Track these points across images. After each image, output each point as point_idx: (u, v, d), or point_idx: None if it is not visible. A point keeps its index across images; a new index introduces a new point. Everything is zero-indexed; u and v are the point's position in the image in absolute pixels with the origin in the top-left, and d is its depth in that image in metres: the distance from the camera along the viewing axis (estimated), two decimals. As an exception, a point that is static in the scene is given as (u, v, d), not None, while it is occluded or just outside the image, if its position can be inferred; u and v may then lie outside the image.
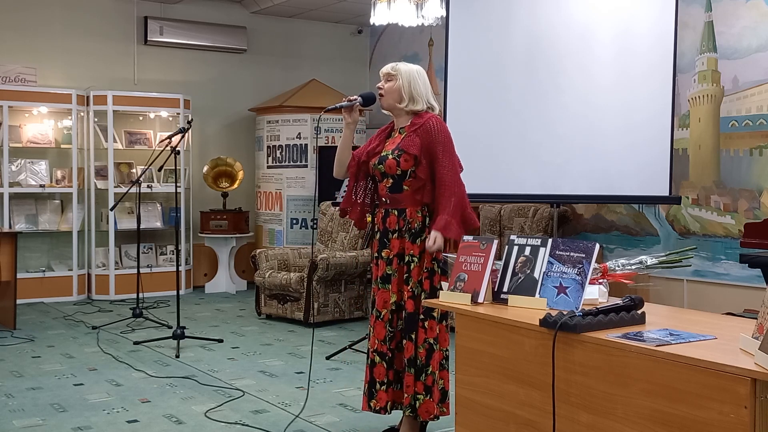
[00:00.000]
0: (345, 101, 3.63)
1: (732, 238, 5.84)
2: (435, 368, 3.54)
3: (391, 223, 3.60)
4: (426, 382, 3.53)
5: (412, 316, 3.55)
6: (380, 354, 3.59)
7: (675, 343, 2.19)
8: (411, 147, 3.52)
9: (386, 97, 3.60)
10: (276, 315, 6.80)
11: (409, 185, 3.56)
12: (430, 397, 3.53)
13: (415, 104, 3.58)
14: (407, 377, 3.55)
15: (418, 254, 3.54)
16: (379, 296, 3.61)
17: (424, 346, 3.53)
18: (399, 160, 3.53)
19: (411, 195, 3.56)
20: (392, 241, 3.59)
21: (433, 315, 3.55)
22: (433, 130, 3.53)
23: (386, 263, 3.60)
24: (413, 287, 3.54)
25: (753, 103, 5.75)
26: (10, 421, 4.00)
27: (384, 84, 3.61)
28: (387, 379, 3.59)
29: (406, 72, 3.59)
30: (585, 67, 5.76)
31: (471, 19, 5.98)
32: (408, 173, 3.54)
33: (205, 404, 4.29)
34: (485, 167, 5.85)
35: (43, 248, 8.03)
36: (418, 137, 3.53)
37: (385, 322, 3.58)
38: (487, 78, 5.93)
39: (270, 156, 8.52)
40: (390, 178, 3.58)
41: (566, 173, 5.75)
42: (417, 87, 3.58)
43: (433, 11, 6.09)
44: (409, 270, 3.55)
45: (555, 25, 5.82)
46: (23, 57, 7.95)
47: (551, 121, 5.79)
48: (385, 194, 3.62)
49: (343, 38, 9.63)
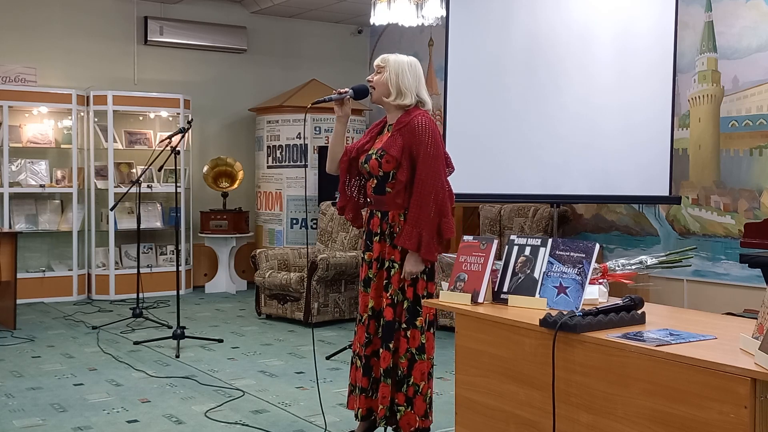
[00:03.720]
0: (335, 94, 3.41)
1: (732, 238, 5.84)
2: (417, 379, 3.38)
3: (374, 225, 3.46)
4: (407, 393, 3.39)
5: (390, 324, 3.38)
6: (360, 357, 3.49)
7: (675, 343, 2.19)
8: (392, 148, 3.33)
9: (376, 91, 3.41)
10: (276, 315, 6.80)
11: (392, 188, 3.38)
12: (411, 408, 3.39)
13: (403, 98, 3.37)
14: (383, 388, 3.40)
15: (399, 260, 3.38)
16: (361, 300, 3.50)
17: (406, 356, 3.38)
18: (381, 161, 3.36)
19: (393, 198, 3.40)
20: (374, 244, 3.45)
21: (416, 324, 3.38)
22: (417, 129, 3.31)
23: (368, 266, 3.47)
24: (393, 294, 3.38)
25: (753, 103, 5.75)
26: (10, 421, 4.00)
27: (374, 76, 3.42)
28: (361, 386, 3.47)
29: (395, 63, 3.38)
30: (585, 67, 5.76)
31: (471, 19, 5.98)
32: (390, 175, 3.37)
33: (205, 404, 4.29)
34: (485, 167, 5.85)
35: (43, 248, 8.03)
36: (401, 137, 3.33)
37: (365, 326, 3.46)
38: (487, 78, 5.93)
39: (270, 156, 8.52)
40: (374, 179, 3.42)
41: (566, 173, 5.75)
42: (405, 80, 3.36)
43: (433, 11, 6.09)
44: (389, 276, 3.40)
45: (555, 25, 5.82)
46: (23, 57, 7.95)
47: (551, 121, 5.79)
48: (371, 195, 3.48)
49: (343, 38, 9.63)
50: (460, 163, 6.06)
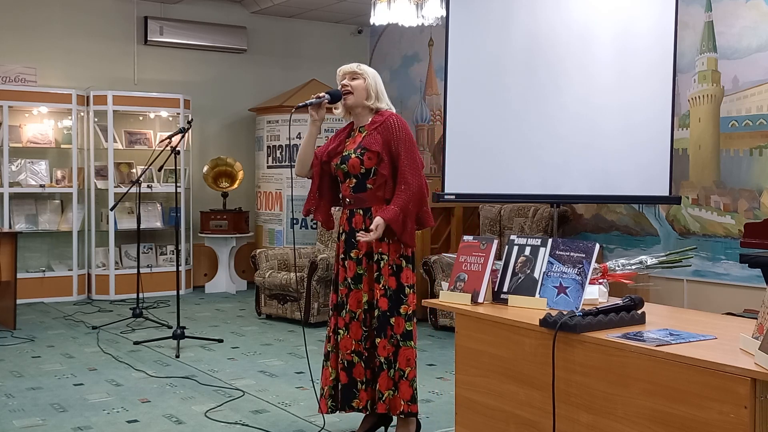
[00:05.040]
0: (314, 98, 3.62)
1: (732, 238, 5.84)
2: (403, 365, 3.53)
3: (357, 224, 3.60)
4: (394, 377, 3.53)
5: (386, 314, 3.54)
6: (358, 354, 3.59)
7: (675, 343, 2.19)
8: (373, 144, 3.53)
9: (354, 95, 3.60)
10: (276, 315, 6.80)
11: (373, 183, 3.56)
12: (396, 393, 3.53)
13: (380, 102, 3.63)
14: (384, 377, 3.54)
15: (387, 251, 3.54)
16: (352, 297, 3.60)
17: (392, 342, 3.53)
18: (362, 159, 3.54)
19: (374, 193, 3.57)
20: (360, 241, 3.57)
21: (400, 311, 3.54)
22: (393, 127, 3.54)
23: (356, 263, 3.60)
24: (384, 284, 3.54)
25: (753, 103, 5.75)
26: (10, 421, 4.00)
27: (350, 81, 3.61)
28: (366, 378, 3.59)
29: (371, 71, 3.65)
30: (585, 67, 5.76)
31: (471, 19, 5.98)
32: (372, 171, 3.55)
33: (205, 404, 4.29)
34: (485, 167, 5.85)
35: (43, 248, 8.03)
36: (380, 134, 3.54)
37: (360, 322, 3.58)
38: (487, 78, 5.92)
39: (270, 156, 8.52)
40: (353, 178, 3.59)
41: (566, 173, 5.75)
42: (381, 86, 3.65)
43: (433, 11, 6.10)
44: (380, 268, 3.55)
45: (555, 25, 5.82)
46: (23, 57, 7.95)
47: (551, 121, 5.79)
48: (349, 194, 3.63)
49: (343, 38, 9.63)
50: (460, 163, 6.11)
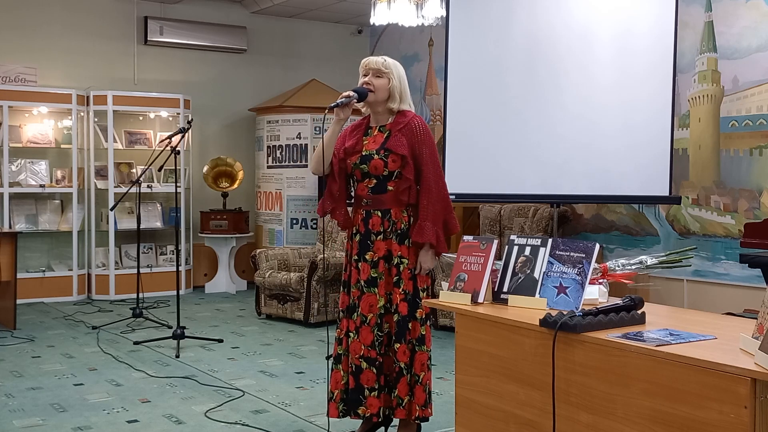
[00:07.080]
0: (343, 98, 3.43)
1: (732, 238, 5.84)
2: (418, 370, 3.46)
3: (374, 225, 3.48)
4: (410, 383, 3.47)
5: (406, 318, 3.46)
6: (368, 360, 3.47)
7: (675, 343, 2.19)
8: (399, 147, 3.42)
9: (376, 95, 3.45)
10: (276, 315, 6.80)
11: (395, 186, 3.46)
12: (412, 398, 3.47)
13: (403, 104, 3.50)
14: (404, 383, 3.47)
15: (407, 255, 3.48)
16: (365, 300, 3.49)
17: (409, 347, 3.47)
18: (386, 161, 3.42)
19: (395, 195, 3.46)
20: (377, 243, 3.48)
21: (416, 316, 3.48)
22: (417, 130, 3.44)
23: (371, 266, 3.49)
24: (404, 288, 3.46)
25: (753, 103, 5.75)
26: (10, 421, 4.00)
27: (373, 79, 3.46)
28: (378, 385, 3.48)
29: (396, 69, 3.49)
30: (585, 67, 5.76)
31: (471, 19, 5.98)
32: (394, 174, 3.45)
33: (205, 404, 4.29)
34: (485, 167, 5.85)
35: (43, 248, 8.03)
36: (404, 137, 3.43)
37: (372, 327, 3.47)
38: (487, 78, 5.93)
39: (270, 156, 8.52)
40: (373, 179, 3.47)
41: (566, 173, 5.75)
42: (406, 86, 3.52)
43: (433, 11, 6.09)
44: (400, 272, 3.46)
45: (555, 25, 5.82)
46: (23, 57, 7.95)
47: (551, 121, 5.79)
48: (366, 195, 3.50)
49: (343, 38, 9.63)
50: (461, 163, 6.11)
